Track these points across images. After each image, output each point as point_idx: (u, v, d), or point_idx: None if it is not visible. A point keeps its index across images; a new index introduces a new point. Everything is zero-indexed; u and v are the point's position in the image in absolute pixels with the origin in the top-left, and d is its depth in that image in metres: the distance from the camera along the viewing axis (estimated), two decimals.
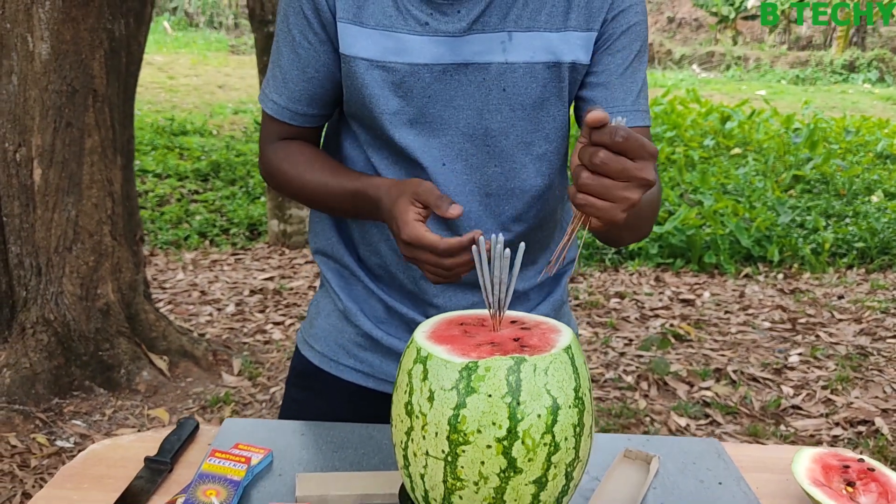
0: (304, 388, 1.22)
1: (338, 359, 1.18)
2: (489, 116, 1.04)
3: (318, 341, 1.20)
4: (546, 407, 0.73)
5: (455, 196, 1.07)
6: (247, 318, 3.80)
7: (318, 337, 1.20)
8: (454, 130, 1.05)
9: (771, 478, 1.06)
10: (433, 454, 0.75)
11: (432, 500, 0.77)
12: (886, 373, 3.27)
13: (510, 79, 1.03)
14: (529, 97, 1.05)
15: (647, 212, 1.04)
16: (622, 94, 1.08)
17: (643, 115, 1.09)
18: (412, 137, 1.05)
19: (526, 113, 1.05)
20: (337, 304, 1.18)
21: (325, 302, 1.21)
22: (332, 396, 1.19)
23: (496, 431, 0.73)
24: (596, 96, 1.08)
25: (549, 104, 1.06)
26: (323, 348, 1.19)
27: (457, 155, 1.06)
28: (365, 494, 0.95)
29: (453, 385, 0.74)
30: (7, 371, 2.67)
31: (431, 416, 0.74)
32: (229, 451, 0.99)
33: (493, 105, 1.04)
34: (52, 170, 2.67)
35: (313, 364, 1.20)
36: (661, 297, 4.28)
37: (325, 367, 1.19)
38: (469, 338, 0.80)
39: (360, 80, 1.02)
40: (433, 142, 1.05)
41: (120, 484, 0.98)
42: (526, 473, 0.74)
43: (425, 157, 1.05)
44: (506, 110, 1.04)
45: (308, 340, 1.21)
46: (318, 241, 1.20)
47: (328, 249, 1.18)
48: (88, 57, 2.66)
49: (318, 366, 1.19)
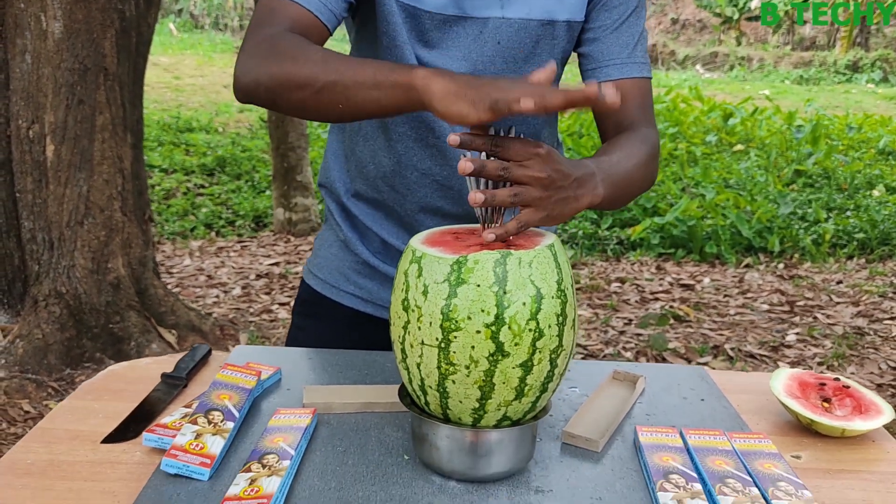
0: (308, 315, 1.29)
1: (339, 285, 1.25)
2: (482, 68, 1.10)
3: (322, 270, 1.27)
4: (530, 296, 0.80)
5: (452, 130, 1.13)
6: (253, 299, 3.86)
7: (322, 266, 1.27)
8: None
9: (751, 398, 1.12)
10: (428, 343, 0.81)
11: (428, 387, 0.83)
12: (882, 351, 3.32)
13: (505, 33, 1.09)
14: (522, 51, 1.11)
15: (624, 186, 1.02)
16: (617, 48, 1.14)
17: (640, 66, 1.15)
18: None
19: (517, 66, 1.11)
20: (338, 234, 1.25)
21: (328, 234, 1.28)
22: (333, 322, 1.26)
23: (485, 318, 0.79)
24: (591, 51, 1.15)
25: (539, 59, 1.12)
26: (326, 276, 1.26)
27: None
28: (367, 403, 1.01)
29: (445, 278, 0.80)
30: (20, 342, 2.74)
31: (426, 308, 0.81)
32: (241, 366, 1.05)
33: (487, 57, 1.10)
34: (64, 146, 2.74)
35: (317, 291, 1.27)
36: (661, 283, 4.33)
37: (328, 294, 1.26)
38: (460, 242, 0.86)
39: (386, 7, 1.06)
40: None
41: (138, 397, 1.04)
42: (513, 357, 0.80)
43: None
44: (499, 62, 1.10)
45: (312, 270, 1.29)
46: (322, 175, 1.27)
47: (331, 185, 1.25)
48: (100, 36, 2.74)
49: (321, 292, 1.26)
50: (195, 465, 0.84)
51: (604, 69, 1.14)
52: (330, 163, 1.25)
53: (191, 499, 0.81)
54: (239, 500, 0.79)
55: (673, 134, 8.28)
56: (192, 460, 0.85)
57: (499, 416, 0.83)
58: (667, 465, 0.88)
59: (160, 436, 0.90)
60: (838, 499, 0.88)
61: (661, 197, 5.87)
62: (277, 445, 0.89)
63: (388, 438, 0.95)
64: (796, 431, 1.03)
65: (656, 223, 5.24)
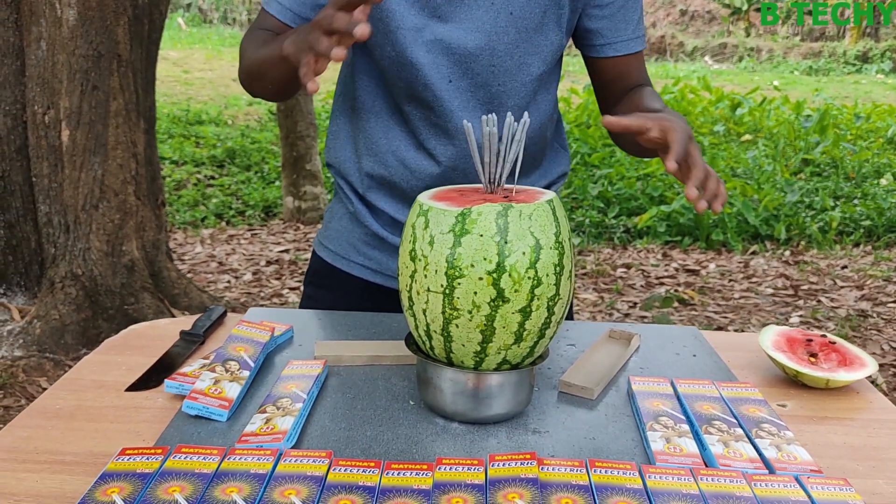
0: (319, 285, 1.34)
1: (349, 256, 1.30)
2: (497, 38, 1.15)
3: (332, 241, 1.32)
4: (530, 246, 0.85)
5: (458, 111, 1.18)
6: (263, 284, 3.93)
7: (332, 238, 1.32)
8: (463, 50, 1.15)
9: (742, 354, 1.17)
10: (433, 289, 0.86)
11: (433, 332, 0.88)
12: (885, 332, 3.35)
13: (517, 3, 1.14)
14: (532, 21, 1.16)
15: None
16: (624, 25, 1.22)
17: (641, 40, 1.24)
18: (423, 54, 1.15)
19: (529, 35, 1.16)
20: (348, 207, 1.30)
21: (338, 206, 1.33)
22: (344, 292, 1.31)
23: (486, 266, 0.84)
24: (601, 27, 1.21)
25: (547, 29, 1.17)
26: (336, 248, 1.31)
27: (463, 73, 1.17)
28: (375, 356, 1.07)
29: (450, 228, 0.85)
30: (38, 322, 2.81)
31: (432, 257, 0.86)
32: (256, 322, 1.11)
33: (501, 28, 1.15)
34: (79, 131, 2.81)
35: (327, 263, 1.32)
36: (667, 269, 4.37)
37: (338, 265, 1.31)
38: (465, 198, 0.91)
39: None
40: (442, 59, 1.16)
41: (158, 352, 1.10)
42: (513, 303, 0.85)
43: (433, 75, 1.16)
44: (512, 33, 1.15)
45: (323, 242, 1.34)
46: (329, 155, 1.32)
47: (338, 164, 1.30)
48: (113, 23, 2.80)
49: (332, 264, 1.31)
50: (214, 406, 0.90)
51: (613, 45, 1.22)
52: (337, 141, 1.29)
53: (210, 437, 0.87)
54: (256, 435, 0.85)
55: None
56: (212, 402, 0.90)
57: (499, 360, 0.89)
58: (657, 409, 0.93)
59: (181, 383, 0.96)
60: (821, 442, 0.93)
61: (668, 186, 5.91)
62: (290, 391, 0.94)
63: (394, 387, 1.00)
64: (783, 384, 1.08)
65: (663, 211, 5.28)
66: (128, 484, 0.75)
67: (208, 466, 0.78)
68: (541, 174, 1.32)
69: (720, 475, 0.80)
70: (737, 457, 0.84)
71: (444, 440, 0.88)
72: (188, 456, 0.80)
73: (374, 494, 0.75)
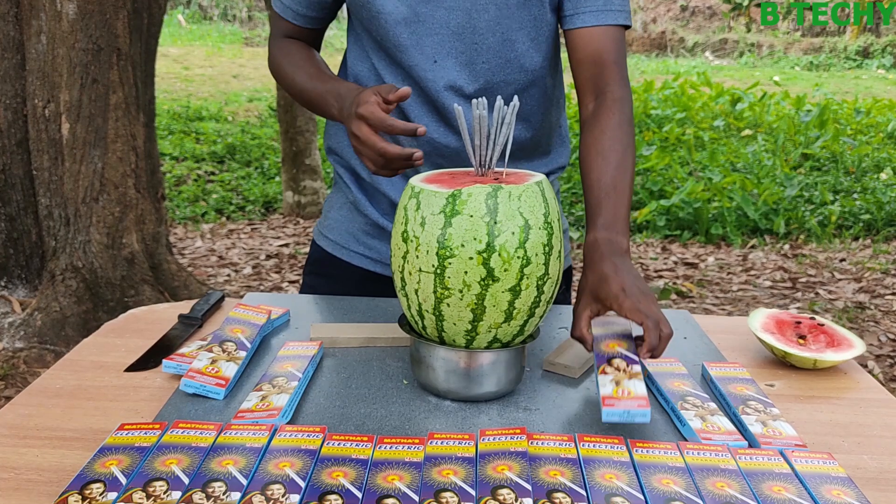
0: (319, 274, 1.36)
1: (349, 246, 1.31)
2: (477, 15, 1.15)
3: (332, 231, 1.33)
4: (519, 226, 0.86)
5: (447, 91, 1.18)
6: (263, 277, 3.95)
7: (332, 227, 1.34)
8: (445, 29, 1.16)
9: (732, 337, 1.19)
10: (425, 269, 0.88)
11: (425, 311, 0.90)
12: (882, 324, 3.36)
13: None
14: None
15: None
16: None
17: (616, 14, 1.16)
18: (406, 36, 1.16)
19: (510, 11, 1.16)
20: (348, 195, 1.31)
21: (337, 196, 1.34)
22: (343, 281, 1.32)
23: (477, 245, 0.86)
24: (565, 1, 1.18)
25: (531, 4, 1.17)
26: (336, 237, 1.33)
27: (448, 52, 1.17)
28: (370, 338, 1.09)
29: (441, 209, 0.87)
30: (38, 314, 2.83)
31: (423, 238, 0.88)
32: (253, 306, 1.12)
33: (481, 4, 1.15)
34: (79, 124, 2.82)
35: (327, 252, 1.33)
36: (665, 262, 4.38)
37: (338, 254, 1.32)
38: (455, 180, 0.93)
39: None
40: (426, 40, 1.17)
41: (157, 334, 1.12)
42: (502, 282, 0.87)
43: (418, 56, 1.17)
44: (492, 9, 1.15)
45: (322, 231, 1.35)
46: (330, 141, 1.33)
47: (338, 150, 1.32)
48: (112, 17, 2.81)
49: (332, 253, 1.33)
50: (211, 385, 0.92)
51: (580, 15, 1.16)
52: (339, 132, 1.30)
53: (207, 414, 0.89)
54: (252, 412, 0.87)
55: (681, 119, 8.30)
56: (209, 381, 0.92)
57: (490, 338, 0.90)
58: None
59: (179, 363, 0.98)
60: (807, 419, 0.95)
61: (668, 180, 5.92)
62: (286, 370, 0.96)
63: (388, 368, 1.02)
64: (771, 364, 1.09)
65: (662, 206, 5.29)
66: (126, 457, 0.77)
67: (205, 441, 0.80)
68: (545, 163, 1.32)
69: (704, 449, 0.82)
70: (715, 430, 0.86)
71: (437, 417, 0.90)
72: (185, 431, 0.82)
73: (366, 466, 0.76)
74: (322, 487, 0.72)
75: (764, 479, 0.77)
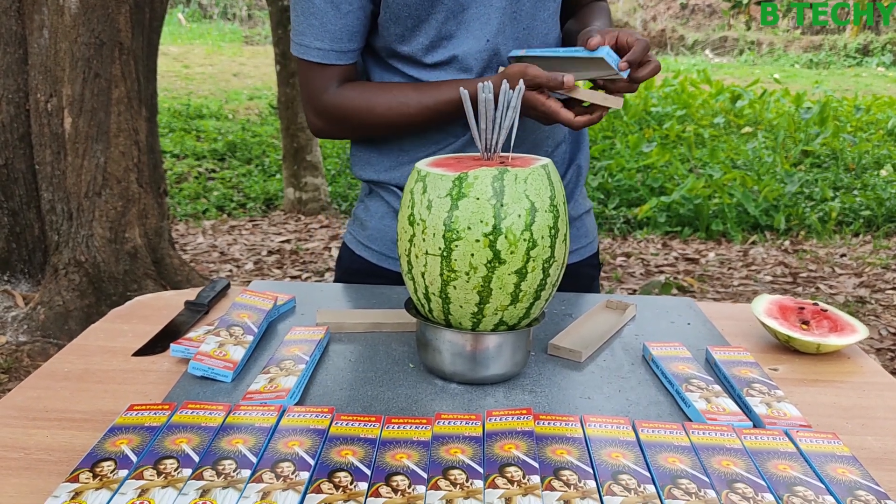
0: (361, 283, 1.32)
1: (392, 254, 1.29)
2: None
3: (376, 242, 1.30)
4: (525, 209, 0.87)
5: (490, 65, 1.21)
6: (265, 273, 3.95)
7: (375, 237, 1.30)
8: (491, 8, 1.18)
9: (735, 323, 1.19)
10: (431, 252, 0.88)
11: (432, 294, 0.91)
12: (883, 318, 3.37)
13: None
14: None
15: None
16: None
17: None
18: (454, 26, 1.18)
19: None
20: (392, 203, 1.28)
21: (377, 205, 1.31)
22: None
23: (483, 228, 0.86)
24: None
25: None
26: (381, 248, 1.30)
27: (497, 30, 1.19)
28: (376, 323, 1.09)
29: (447, 192, 0.87)
30: (42, 308, 2.83)
31: (430, 221, 0.88)
32: (259, 292, 1.13)
33: None
34: (81, 118, 2.83)
35: (371, 262, 1.30)
36: (666, 258, 4.39)
37: (382, 264, 1.30)
38: (461, 164, 0.93)
39: None
40: (474, 24, 1.18)
41: (164, 320, 1.12)
42: (509, 264, 0.87)
43: (469, 37, 1.18)
44: None
45: (363, 242, 1.32)
46: (358, 170, 1.31)
47: (375, 176, 1.29)
48: (115, 11, 2.82)
49: (377, 263, 1.30)
50: (219, 367, 0.92)
51: None
52: (365, 156, 1.29)
53: (215, 396, 0.89)
54: (260, 393, 0.87)
55: (681, 116, 8.31)
56: (217, 364, 0.93)
57: (496, 321, 0.91)
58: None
59: (186, 347, 0.98)
60: (811, 402, 0.95)
61: (669, 177, 5.92)
62: (293, 354, 0.97)
63: (395, 352, 1.03)
64: (775, 349, 1.10)
65: (663, 202, 5.30)
66: (136, 436, 0.77)
67: (214, 420, 0.80)
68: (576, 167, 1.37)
69: (709, 429, 0.82)
70: (720, 411, 0.86)
71: (443, 399, 0.91)
72: (195, 411, 0.82)
73: (374, 445, 0.77)
74: (331, 465, 0.73)
75: (769, 457, 0.77)
